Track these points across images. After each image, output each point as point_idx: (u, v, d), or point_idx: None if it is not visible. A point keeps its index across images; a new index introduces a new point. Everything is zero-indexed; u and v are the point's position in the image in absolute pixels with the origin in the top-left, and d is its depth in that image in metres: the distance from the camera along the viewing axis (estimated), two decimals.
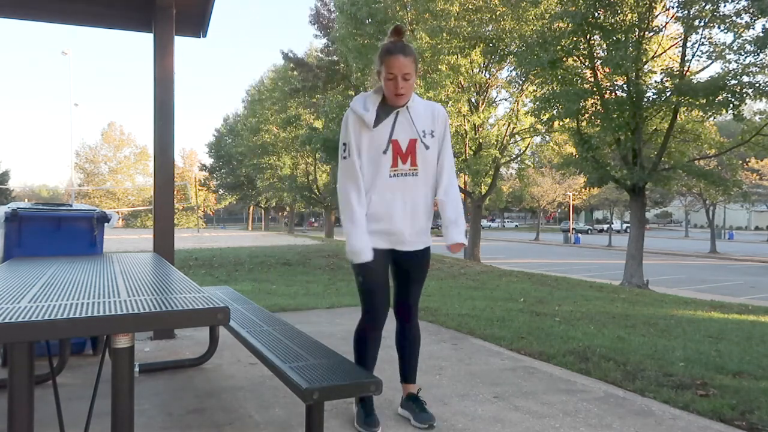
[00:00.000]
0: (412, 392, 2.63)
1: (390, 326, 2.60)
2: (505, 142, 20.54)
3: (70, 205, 3.75)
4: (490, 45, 17.65)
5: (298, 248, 15.91)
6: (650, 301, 8.92)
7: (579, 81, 14.53)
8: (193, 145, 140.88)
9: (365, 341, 2.53)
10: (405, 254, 2.50)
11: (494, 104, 21.61)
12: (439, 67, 18.14)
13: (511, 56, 16.82)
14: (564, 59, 14.28)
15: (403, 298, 2.58)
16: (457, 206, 2.52)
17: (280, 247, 20.11)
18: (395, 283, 2.59)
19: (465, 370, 3.43)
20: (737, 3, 12.45)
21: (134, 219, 65.12)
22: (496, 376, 3.31)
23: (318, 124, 27.16)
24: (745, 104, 12.26)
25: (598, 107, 14.02)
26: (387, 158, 2.39)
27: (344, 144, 2.43)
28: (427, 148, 2.44)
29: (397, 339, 2.65)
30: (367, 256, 2.36)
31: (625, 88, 14.00)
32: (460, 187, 18.29)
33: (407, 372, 2.65)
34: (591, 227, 60.35)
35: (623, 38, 13.34)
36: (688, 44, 13.74)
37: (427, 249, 2.58)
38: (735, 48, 12.36)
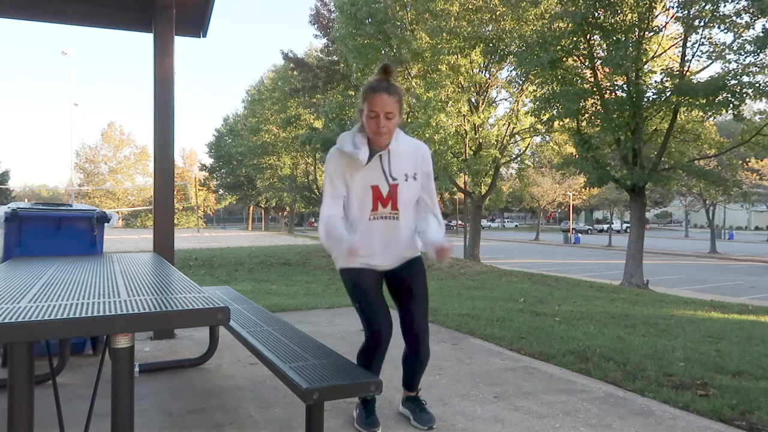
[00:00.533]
0: (412, 395, 2.63)
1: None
2: (505, 142, 20.54)
3: (70, 205, 3.75)
4: (490, 45, 17.65)
5: (298, 248, 15.91)
6: (650, 301, 8.92)
7: (579, 81, 14.53)
8: (193, 145, 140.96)
9: (371, 362, 2.43)
10: (393, 271, 2.48)
11: (494, 104, 21.61)
12: (439, 67, 18.14)
13: (511, 56, 16.82)
14: (564, 59, 14.28)
15: (409, 322, 2.44)
16: (439, 230, 2.46)
17: (280, 247, 20.12)
18: (398, 307, 2.51)
19: (465, 370, 3.43)
20: (737, 3, 12.45)
21: (134, 219, 65.14)
22: (496, 376, 3.31)
23: (318, 124, 27.16)
24: (745, 104, 12.25)
25: (598, 107, 14.02)
26: (366, 203, 2.35)
27: (330, 175, 2.38)
28: (408, 191, 2.39)
29: (404, 358, 2.56)
30: (357, 251, 2.24)
31: (625, 88, 13.99)
32: (459, 187, 18.23)
33: (411, 384, 2.62)
34: (591, 227, 60.34)
35: (623, 38, 13.34)
36: (688, 44, 13.73)
37: (417, 258, 2.52)
38: (735, 48, 12.36)
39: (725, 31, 12.65)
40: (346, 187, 2.36)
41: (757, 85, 11.91)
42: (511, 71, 19.57)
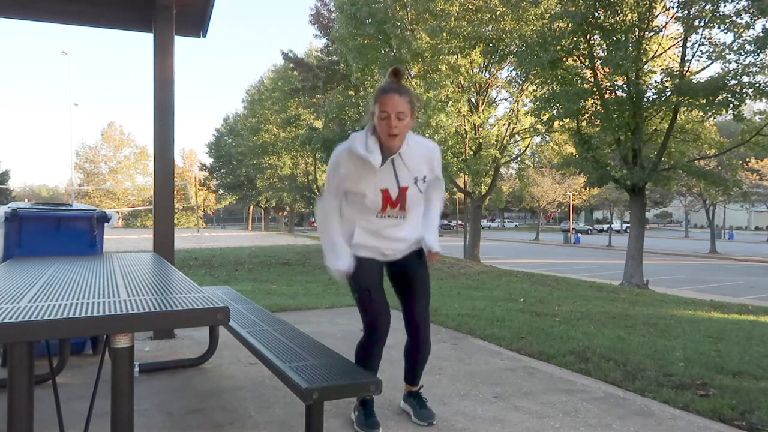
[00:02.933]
0: (414, 390, 2.64)
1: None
2: (505, 142, 20.54)
3: (70, 205, 3.75)
4: (490, 45, 17.65)
5: (298, 248, 15.91)
6: (650, 301, 8.92)
7: (579, 81, 14.53)
8: (193, 145, 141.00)
9: (370, 356, 2.46)
10: (397, 262, 2.50)
11: (494, 104, 21.61)
12: (439, 67, 18.14)
13: (511, 56, 16.82)
14: (564, 59, 14.28)
15: (411, 313, 2.48)
16: (434, 232, 2.52)
17: (280, 247, 20.11)
18: (399, 298, 2.54)
19: (465, 370, 3.43)
20: (737, 3, 12.45)
21: (134, 219, 65.16)
22: (496, 376, 3.31)
23: (318, 124, 27.16)
24: (745, 104, 12.26)
25: (598, 107, 14.02)
26: (376, 205, 2.35)
27: (334, 180, 2.37)
28: (417, 193, 2.41)
29: (406, 350, 2.59)
30: (342, 268, 2.35)
31: (625, 88, 14.00)
32: (460, 187, 18.20)
33: (413, 378, 2.64)
34: (591, 227, 60.35)
35: (623, 38, 13.35)
36: (688, 44, 13.73)
37: (420, 250, 2.53)
38: (735, 48, 12.36)
39: (725, 31, 12.66)
40: (356, 187, 2.34)
41: (757, 85, 11.92)
42: (511, 71, 19.58)
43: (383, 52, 19.35)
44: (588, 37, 13.98)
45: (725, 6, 12.68)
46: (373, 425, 2.43)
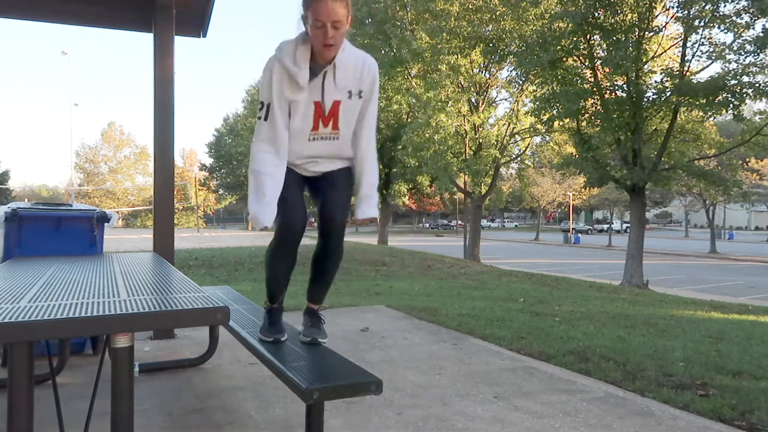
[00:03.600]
0: (313, 307, 2.48)
1: (387, 326, 2.59)
2: (505, 142, 20.55)
3: (70, 205, 3.75)
4: (490, 45, 17.67)
5: (299, 248, 15.90)
6: (650, 301, 8.92)
7: (579, 81, 14.54)
8: (193, 145, 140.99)
9: (278, 255, 2.32)
10: (322, 176, 2.36)
11: (494, 104, 21.64)
12: (439, 67, 18.15)
13: (511, 56, 16.84)
14: (564, 59, 14.29)
15: (325, 210, 2.29)
16: (372, 179, 2.34)
17: None
18: (317, 205, 2.34)
19: (465, 370, 3.43)
20: (737, 3, 12.46)
21: (134, 219, 65.14)
22: (496, 376, 3.31)
23: None
24: (745, 104, 12.28)
25: (598, 107, 14.04)
26: (307, 122, 2.19)
27: (263, 104, 2.16)
28: (351, 109, 2.23)
29: (315, 258, 2.41)
30: (265, 222, 2.14)
31: (625, 88, 14.01)
32: (460, 187, 18.26)
33: (316, 293, 2.49)
34: (591, 227, 60.37)
35: (623, 38, 13.36)
36: (688, 44, 13.75)
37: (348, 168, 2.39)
38: (735, 48, 12.37)
39: (725, 31, 12.68)
40: (283, 108, 2.16)
41: (757, 85, 11.93)
42: (511, 71, 19.61)
43: (383, 52, 19.35)
44: (588, 37, 14.00)
45: (725, 6, 12.70)
46: (278, 331, 2.35)
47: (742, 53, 12.23)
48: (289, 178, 2.27)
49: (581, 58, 14.52)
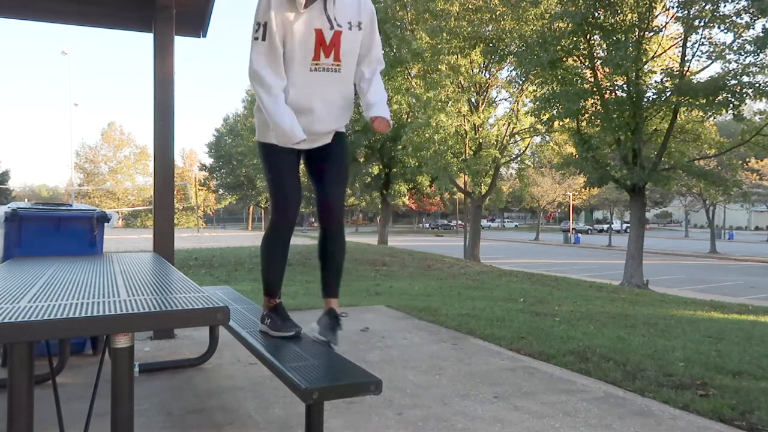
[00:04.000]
0: (333, 308, 2.43)
1: (387, 326, 2.59)
2: (505, 142, 20.56)
3: (70, 205, 3.75)
4: (490, 45, 17.67)
5: (298, 248, 15.90)
6: (650, 301, 8.92)
7: (579, 81, 14.55)
8: (193, 145, 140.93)
9: (276, 241, 2.32)
10: (318, 149, 2.34)
11: (494, 104, 21.65)
12: (439, 67, 18.15)
13: (511, 56, 16.84)
14: (564, 59, 14.29)
15: (324, 199, 2.31)
16: (383, 94, 2.33)
17: None
18: (313, 183, 2.36)
19: (465, 370, 3.43)
20: (737, 3, 12.46)
21: (134, 219, 65.16)
22: (496, 376, 3.31)
23: None
24: (745, 104, 12.28)
25: (598, 107, 14.04)
26: (308, 49, 2.13)
27: (260, 24, 2.09)
28: (352, 41, 2.20)
29: (319, 247, 2.41)
30: (300, 134, 2.11)
31: (625, 88, 14.01)
32: (460, 187, 18.26)
33: (329, 282, 2.45)
34: (591, 227, 60.38)
35: (623, 38, 13.36)
36: (688, 44, 13.76)
37: (341, 135, 2.39)
38: (735, 48, 12.37)
39: (725, 31, 12.68)
40: (281, 31, 2.10)
41: (757, 85, 11.93)
42: (511, 71, 19.61)
43: (383, 52, 19.34)
44: (588, 37, 14.00)
45: (725, 6, 12.70)
46: (294, 324, 2.34)
47: (742, 53, 12.23)
48: (284, 160, 2.25)
49: (581, 58, 14.52)
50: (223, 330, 3.91)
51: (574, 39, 13.75)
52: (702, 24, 13.01)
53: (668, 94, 13.23)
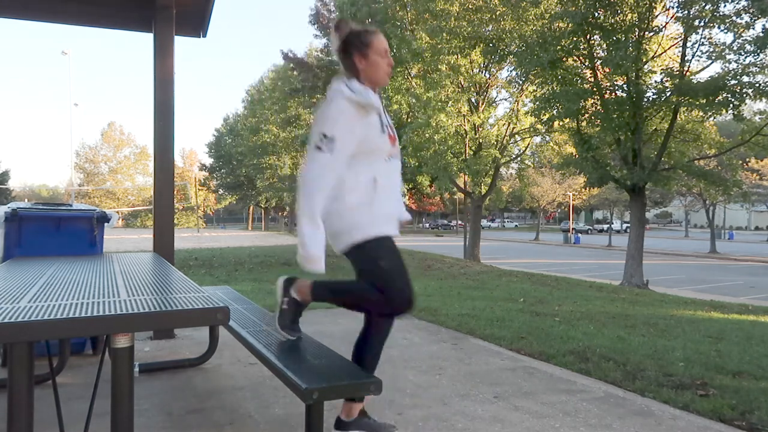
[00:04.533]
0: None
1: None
2: (505, 142, 20.55)
3: (70, 205, 3.75)
4: (490, 45, 17.65)
5: (293, 248, 15.93)
6: (650, 301, 8.92)
7: (579, 81, 14.54)
8: (193, 145, 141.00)
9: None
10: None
11: (494, 104, 21.63)
12: (439, 67, 18.14)
13: (511, 56, 16.82)
14: (564, 59, 14.28)
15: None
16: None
17: (280, 247, 20.13)
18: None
19: (465, 370, 3.43)
20: (737, 3, 12.46)
21: (134, 219, 65.20)
22: (496, 376, 3.31)
23: None
24: (745, 104, 12.26)
25: (598, 107, 14.03)
26: (384, 140, 2.15)
27: (326, 135, 2.04)
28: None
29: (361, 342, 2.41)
30: (322, 267, 2.07)
31: (625, 88, 14.00)
32: (460, 187, 18.23)
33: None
34: (591, 227, 60.37)
35: (623, 38, 13.35)
36: (688, 44, 13.74)
37: None
38: (735, 48, 12.37)
39: (725, 31, 12.66)
40: (352, 143, 2.08)
41: (757, 85, 11.92)
42: (511, 71, 19.59)
43: None
44: (588, 37, 13.99)
45: (725, 6, 12.69)
46: (296, 330, 2.45)
47: (742, 53, 12.22)
48: (394, 243, 2.19)
49: (581, 58, 14.52)
50: (223, 330, 3.91)
51: (574, 39, 13.74)
52: (702, 24, 13.00)
53: (668, 94, 13.22)
